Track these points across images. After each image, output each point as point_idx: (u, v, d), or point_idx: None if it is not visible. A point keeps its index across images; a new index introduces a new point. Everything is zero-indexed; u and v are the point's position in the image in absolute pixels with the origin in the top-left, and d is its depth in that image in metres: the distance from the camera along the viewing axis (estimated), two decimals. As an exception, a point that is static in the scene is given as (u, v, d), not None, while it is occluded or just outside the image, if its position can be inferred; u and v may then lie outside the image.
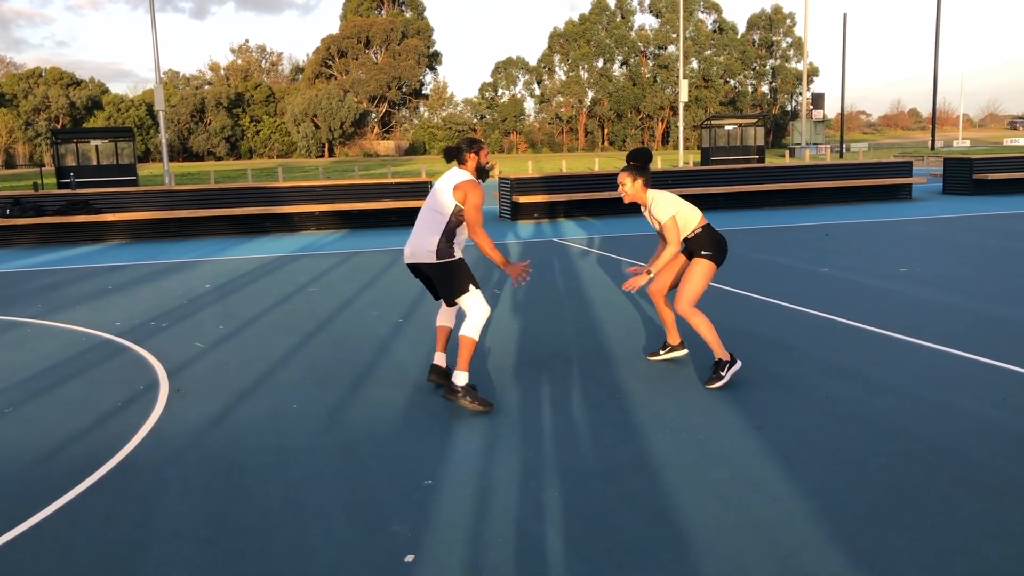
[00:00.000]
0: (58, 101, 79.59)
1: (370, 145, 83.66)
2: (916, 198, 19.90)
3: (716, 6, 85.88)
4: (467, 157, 5.33)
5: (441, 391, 5.41)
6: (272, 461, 4.42)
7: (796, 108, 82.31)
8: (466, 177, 5.26)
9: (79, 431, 4.97)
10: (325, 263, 11.71)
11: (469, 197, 5.17)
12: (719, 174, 18.99)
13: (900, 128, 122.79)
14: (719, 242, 5.59)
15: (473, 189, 5.18)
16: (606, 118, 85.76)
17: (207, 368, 6.30)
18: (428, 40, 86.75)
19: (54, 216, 15.04)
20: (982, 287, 8.55)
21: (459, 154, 5.35)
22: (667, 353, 6.12)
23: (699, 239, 5.59)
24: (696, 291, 5.49)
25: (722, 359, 5.51)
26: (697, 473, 4.10)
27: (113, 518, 3.79)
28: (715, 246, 5.57)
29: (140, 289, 9.92)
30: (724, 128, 39.72)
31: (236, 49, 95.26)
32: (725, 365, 5.50)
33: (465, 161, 5.33)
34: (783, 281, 9.20)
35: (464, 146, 5.34)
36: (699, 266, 5.53)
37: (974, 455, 4.22)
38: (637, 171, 5.59)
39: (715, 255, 5.55)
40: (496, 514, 3.72)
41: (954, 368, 5.74)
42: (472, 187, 5.19)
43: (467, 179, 5.24)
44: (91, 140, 30.76)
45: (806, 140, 51.85)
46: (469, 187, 5.19)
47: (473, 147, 5.34)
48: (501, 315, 7.90)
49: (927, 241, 12.24)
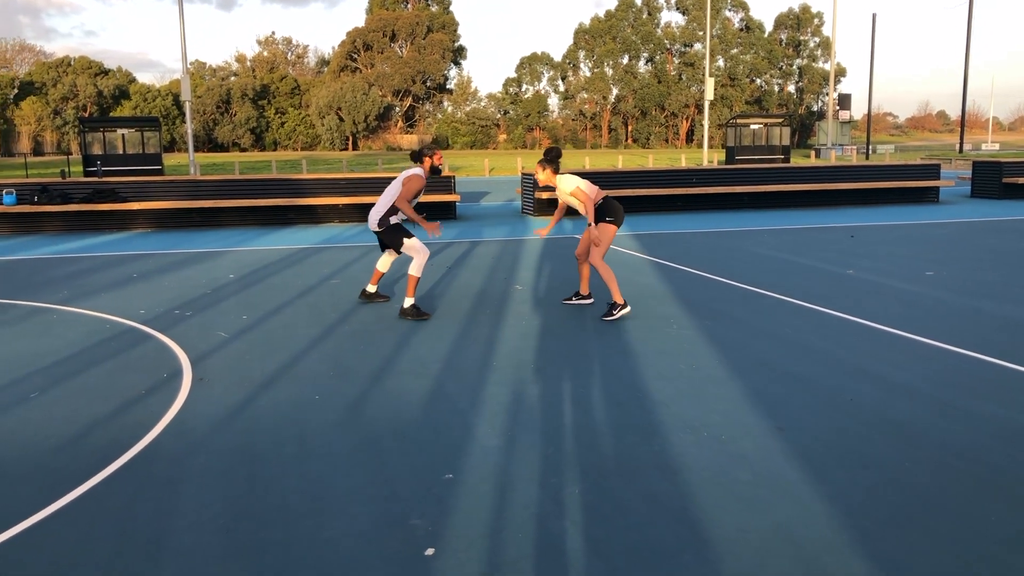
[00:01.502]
0: (86, 90, 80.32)
1: (394, 139, 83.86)
2: (944, 201, 19.69)
3: (743, 4, 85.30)
4: (423, 159, 7.75)
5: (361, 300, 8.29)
6: (293, 452, 4.43)
7: (822, 108, 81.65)
8: (413, 172, 7.62)
9: (103, 418, 5.00)
10: (348, 255, 11.74)
11: (408, 183, 7.56)
12: (744, 173, 18.87)
13: (928, 130, 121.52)
14: (617, 209, 7.54)
15: (412, 179, 7.57)
16: (630, 115, 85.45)
17: (230, 358, 6.33)
18: (453, 34, 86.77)
19: (80, 204, 15.17)
20: (1009, 292, 8.44)
21: (418, 156, 7.79)
22: (578, 300, 8.11)
23: (602, 208, 7.53)
24: (604, 248, 7.45)
25: (616, 302, 7.40)
26: (719, 474, 4.08)
27: (135, 506, 3.81)
28: (614, 212, 7.51)
29: (164, 278, 9.99)
30: (750, 127, 39.49)
31: (262, 41, 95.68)
32: (617, 307, 7.39)
33: (422, 162, 7.75)
34: (808, 282, 9.12)
35: (424, 150, 7.77)
36: (604, 230, 7.46)
37: (1000, 462, 4.17)
38: (547, 163, 7.75)
39: (616, 219, 7.51)
40: (516, 510, 3.71)
41: (980, 373, 5.67)
42: (412, 178, 7.57)
43: (413, 172, 7.61)
44: (118, 129, 31.03)
45: (832, 141, 51.43)
46: (411, 177, 7.60)
47: (427, 152, 7.76)
48: (522, 311, 7.89)
49: (954, 245, 12.10)
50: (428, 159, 7.74)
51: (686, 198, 18.06)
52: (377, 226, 7.70)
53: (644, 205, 17.81)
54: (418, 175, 7.62)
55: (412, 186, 7.57)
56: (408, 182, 7.59)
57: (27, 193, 15.23)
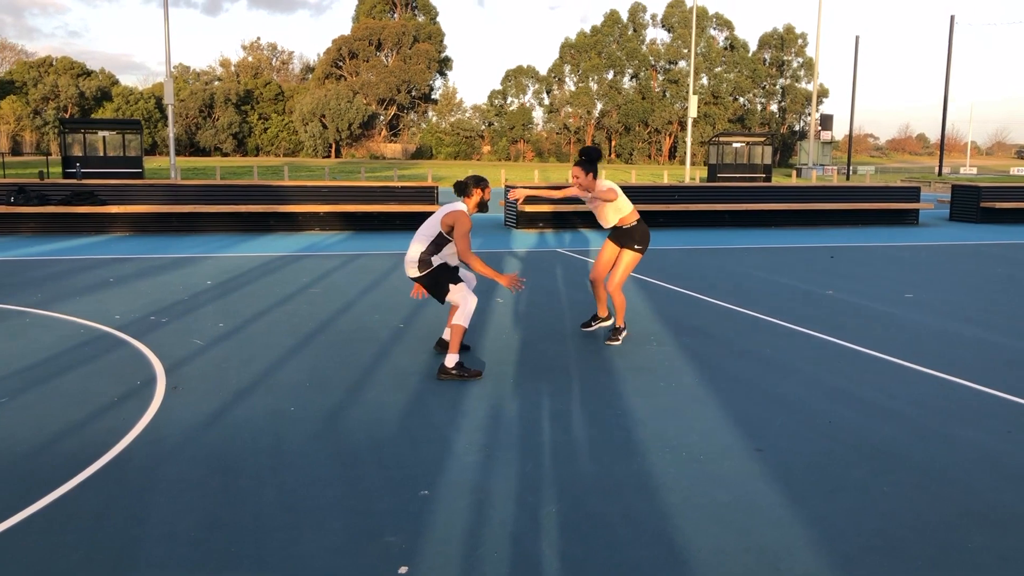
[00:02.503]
0: (67, 91, 79.70)
1: (377, 147, 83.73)
2: (923, 223, 19.86)
3: (728, 23, 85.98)
4: (472, 192, 6.33)
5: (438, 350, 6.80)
6: (268, 463, 4.37)
7: (804, 128, 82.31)
8: (457, 208, 6.17)
9: (74, 424, 4.92)
10: (328, 264, 11.67)
11: (457, 226, 6.10)
12: (726, 191, 18.95)
13: (907, 153, 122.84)
14: (646, 236, 7.08)
15: (460, 219, 6.10)
16: (614, 130, 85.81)
17: (205, 366, 6.26)
18: (439, 45, 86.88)
19: (58, 206, 15.01)
20: (988, 317, 8.50)
21: (465, 189, 6.33)
22: (597, 324, 7.53)
23: (633, 231, 7.05)
24: (625, 276, 7.08)
25: (619, 327, 7.11)
26: (697, 494, 4.05)
27: (106, 515, 3.74)
28: (644, 240, 7.06)
29: (141, 283, 9.88)
30: (732, 145, 39.71)
31: (247, 46, 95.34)
32: (621, 331, 7.10)
33: (470, 195, 6.33)
34: (788, 302, 9.15)
35: (471, 183, 6.33)
36: (629, 257, 7.04)
37: (978, 487, 4.17)
38: (587, 165, 6.90)
39: (644, 248, 7.06)
40: (492, 528, 3.67)
41: (959, 397, 5.69)
42: (459, 217, 6.11)
43: (456, 210, 6.15)
44: (99, 131, 30.80)
45: (813, 161, 51.86)
46: (456, 217, 6.11)
47: (479, 184, 6.34)
48: (503, 325, 7.85)
49: (933, 267, 12.19)
50: (479, 192, 6.35)
51: (668, 214, 18.12)
52: (417, 270, 6.27)
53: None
54: (464, 214, 6.17)
55: (463, 230, 6.09)
56: (457, 225, 6.11)
57: (3, 193, 15.04)
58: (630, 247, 7.03)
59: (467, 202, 6.31)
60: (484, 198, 6.35)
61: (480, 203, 6.36)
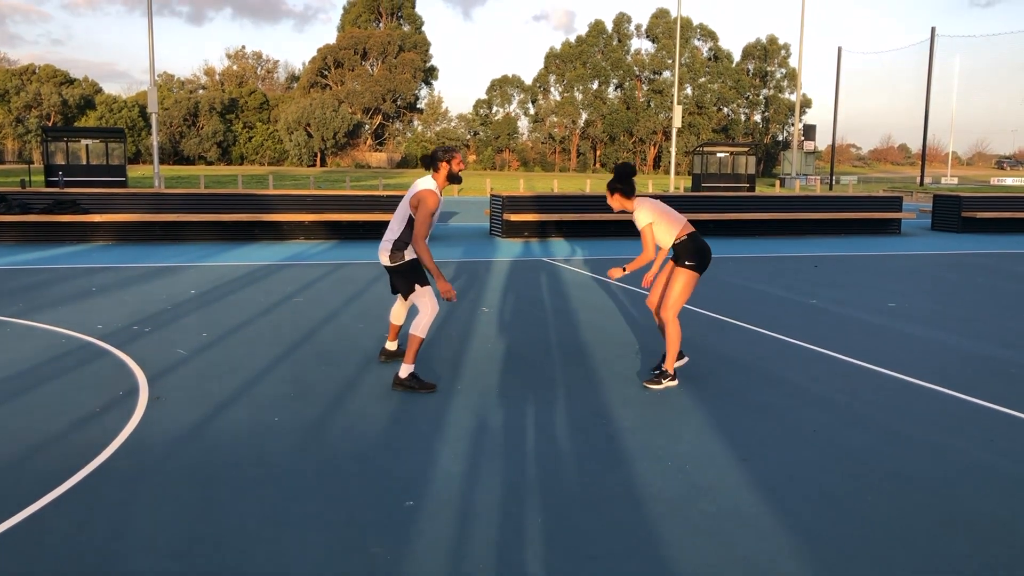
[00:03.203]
0: (50, 99, 79.24)
1: (362, 156, 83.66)
2: (905, 233, 20.00)
3: (712, 34, 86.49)
4: (440, 165, 5.81)
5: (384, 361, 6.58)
6: (251, 475, 4.34)
7: (788, 138, 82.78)
8: (427, 186, 5.72)
9: (54, 436, 4.87)
10: (312, 273, 11.63)
11: (420, 207, 5.68)
12: (710, 201, 19.03)
13: (889, 162, 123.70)
14: (701, 251, 6.01)
15: (425, 199, 5.66)
16: (599, 140, 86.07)
17: (188, 376, 6.21)
18: (425, 54, 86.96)
19: (40, 215, 14.90)
20: (970, 326, 8.55)
21: (432, 162, 5.83)
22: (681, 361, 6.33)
23: (684, 247, 6.03)
24: (679, 300, 5.99)
25: (667, 371, 6.05)
26: (683, 505, 4.05)
27: (85, 528, 3.69)
28: (698, 255, 5.98)
29: (124, 292, 9.81)
30: (716, 155, 39.91)
31: (232, 55, 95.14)
32: (667, 377, 6.03)
33: (438, 169, 5.81)
34: (772, 311, 9.18)
35: (439, 154, 5.82)
36: (682, 275, 6.00)
37: (962, 496, 4.18)
38: (618, 186, 6.03)
39: (697, 264, 5.98)
40: (477, 540, 3.65)
41: (943, 406, 5.71)
42: (426, 196, 5.67)
43: (425, 188, 5.70)
44: (82, 139, 30.62)
45: (797, 170, 52.14)
46: (423, 195, 5.68)
47: (447, 155, 5.81)
48: (488, 334, 7.84)
49: (916, 277, 12.27)
50: (446, 165, 5.81)
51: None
52: (389, 260, 5.90)
53: (611, 230, 17.88)
54: (431, 192, 5.71)
55: (426, 210, 5.67)
56: (420, 204, 5.70)
57: (-15, 202, 14.90)
58: (681, 264, 6.03)
59: (436, 177, 5.81)
60: (453, 170, 5.82)
61: (450, 175, 5.82)
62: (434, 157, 5.82)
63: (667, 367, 6.08)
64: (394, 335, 6.63)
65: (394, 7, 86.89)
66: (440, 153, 5.81)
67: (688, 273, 5.99)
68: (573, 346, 7.36)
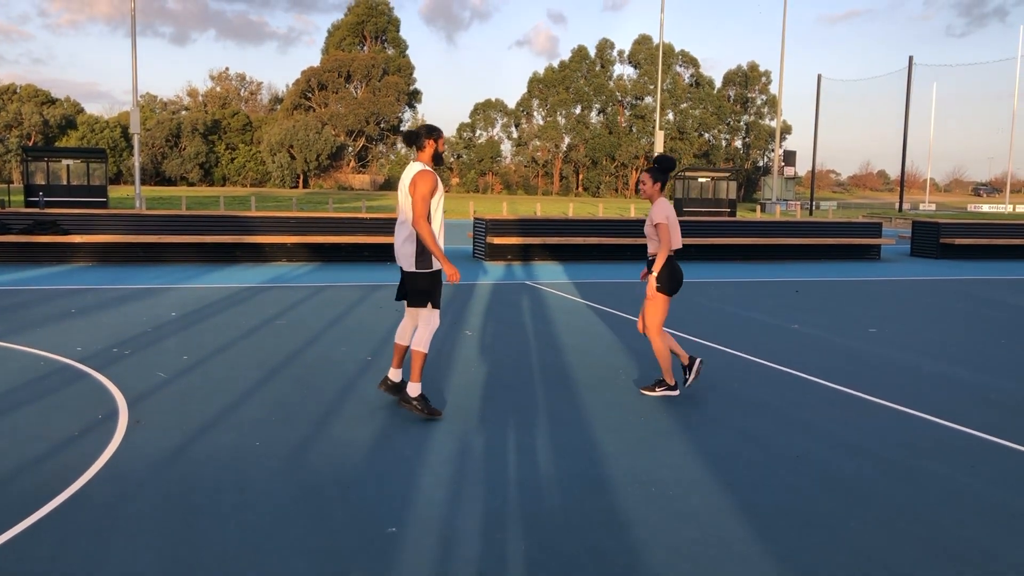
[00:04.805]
0: (31, 118, 78.89)
1: (345, 178, 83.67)
2: (884, 259, 20.17)
3: (694, 61, 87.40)
4: (425, 144, 5.63)
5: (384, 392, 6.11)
6: (232, 500, 4.29)
7: (768, 164, 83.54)
8: (418, 169, 5.57)
9: (31, 461, 4.80)
10: (295, 296, 11.58)
11: (417, 187, 5.48)
12: (691, 225, 19.14)
13: (868, 189, 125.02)
14: (675, 274, 6.32)
15: (422, 179, 5.49)
16: (581, 164, 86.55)
17: (169, 399, 6.15)
18: (409, 78, 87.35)
19: (20, 235, 14.78)
20: (949, 351, 8.62)
21: (417, 140, 5.64)
22: (688, 377, 6.53)
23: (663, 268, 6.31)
24: (657, 321, 6.36)
25: (665, 380, 6.48)
26: (666, 530, 4.04)
27: (62, 556, 3.64)
28: (671, 280, 6.31)
29: (104, 314, 9.73)
30: (697, 180, 40.21)
31: (215, 76, 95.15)
32: (664, 385, 6.48)
33: (423, 148, 5.64)
34: (754, 336, 9.21)
35: (423, 132, 5.63)
36: (653, 303, 6.34)
37: (944, 523, 4.20)
38: (659, 174, 6.42)
39: (667, 287, 6.30)
40: (460, 566, 3.62)
41: (924, 432, 5.74)
42: (422, 177, 5.50)
43: (419, 171, 5.55)
44: (63, 159, 30.48)
45: (777, 196, 52.58)
46: (419, 178, 5.51)
47: (432, 134, 5.63)
48: (470, 357, 7.82)
49: (895, 302, 12.36)
50: (432, 143, 5.62)
51: (635, 248, 18.23)
52: (415, 265, 5.63)
53: (594, 254, 17.93)
54: (425, 172, 5.53)
55: (423, 191, 5.46)
56: (416, 187, 5.49)
57: (-36, 222, 14.78)
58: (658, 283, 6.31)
59: (421, 157, 5.65)
60: (439, 149, 5.65)
61: (435, 155, 5.64)
62: (418, 135, 5.62)
63: (664, 377, 6.49)
64: (398, 361, 6.04)
65: (378, 31, 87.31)
66: (424, 131, 5.62)
67: (661, 298, 6.34)
68: (556, 370, 7.35)
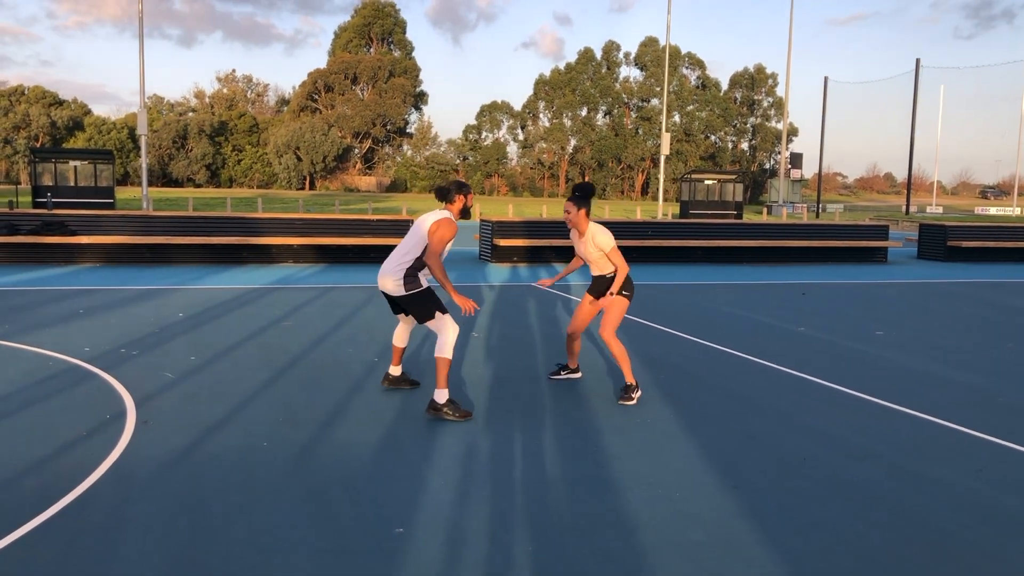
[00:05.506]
0: (39, 120, 79.17)
1: (351, 180, 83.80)
2: (891, 262, 20.13)
3: (700, 63, 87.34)
4: (455, 198, 6.06)
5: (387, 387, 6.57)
6: (239, 501, 4.31)
7: (774, 166, 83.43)
8: (444, 215, 5.97)
9: (39, 461, 4.82)
10: (301, 297, 11.61)
11: (440, 230, 5.88)
12: (698, 228, 19.13)
13: (875, 191, 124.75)
14: (631, 281, 6.71)
15: (447, 226, 5.91)
16: (587, 166, 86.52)
17: (176, 400, 6.17)
18: (415, 80, 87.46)
19: (28, 236, 14.83)
20: (957, 355, 8.60)
21: (448, 195, 6.07)
22: (567, 374, 7.13)
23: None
24: (617, 322, 6.55)
25: (630, 383, 6.49)
26: (672, 533, 4.04)
27: (69, 556, 3.66)
28: (630, 287, 6.67)
29: (112, 315, 9.76)
30: (704, 182, 40.15)
31: (222, 78, 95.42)
32: (633, 388, 6.48)
33: (453, 202, 6.06)
34: (761, 339, 9.21)
35: (453, 188, 6.06)
36: (619, 303, 6.57)
37: (950, 527, 4.19)
38: (582, 201, 6.56)
39: (631, 294, 6.67)
40: (467, 567, 3.63)
41: (931, 435, 5.73)
42: (448, 224, 5.92)
43: (444, 217, 5.95)
44: (70, 161, 30.58)
45: (783, 198, 52.52)
46: (444, 223, 5.91)
47: (461, 190, 6.07)
48: (476, 359, 7.83)
49: (902, 305, 12.34)
50: (461, 198, 6.05)
51: (641, 250, 18.23)
52: (404, 289, 5.94)
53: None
54: (450, 220, 5.95)
55: (444, 234, 5.87)
56: (439, 229, 5.88)
57: (-28, 223, 14.84)
58: (618, 293, 6.59)
59: (450, 208, 6.05)
60: (467, 204, 6.08)
61: (463, 209, 6.08)
62: (449, 191, 6.05)
63: (629, 380, 6.52)
64: (398, 359, 6.52)
65: (385, 33, 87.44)
66: (456, 187, 6.06)
67: (623, 300, 6.61)
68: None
